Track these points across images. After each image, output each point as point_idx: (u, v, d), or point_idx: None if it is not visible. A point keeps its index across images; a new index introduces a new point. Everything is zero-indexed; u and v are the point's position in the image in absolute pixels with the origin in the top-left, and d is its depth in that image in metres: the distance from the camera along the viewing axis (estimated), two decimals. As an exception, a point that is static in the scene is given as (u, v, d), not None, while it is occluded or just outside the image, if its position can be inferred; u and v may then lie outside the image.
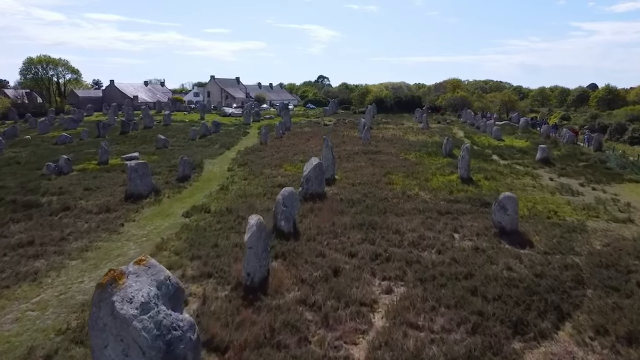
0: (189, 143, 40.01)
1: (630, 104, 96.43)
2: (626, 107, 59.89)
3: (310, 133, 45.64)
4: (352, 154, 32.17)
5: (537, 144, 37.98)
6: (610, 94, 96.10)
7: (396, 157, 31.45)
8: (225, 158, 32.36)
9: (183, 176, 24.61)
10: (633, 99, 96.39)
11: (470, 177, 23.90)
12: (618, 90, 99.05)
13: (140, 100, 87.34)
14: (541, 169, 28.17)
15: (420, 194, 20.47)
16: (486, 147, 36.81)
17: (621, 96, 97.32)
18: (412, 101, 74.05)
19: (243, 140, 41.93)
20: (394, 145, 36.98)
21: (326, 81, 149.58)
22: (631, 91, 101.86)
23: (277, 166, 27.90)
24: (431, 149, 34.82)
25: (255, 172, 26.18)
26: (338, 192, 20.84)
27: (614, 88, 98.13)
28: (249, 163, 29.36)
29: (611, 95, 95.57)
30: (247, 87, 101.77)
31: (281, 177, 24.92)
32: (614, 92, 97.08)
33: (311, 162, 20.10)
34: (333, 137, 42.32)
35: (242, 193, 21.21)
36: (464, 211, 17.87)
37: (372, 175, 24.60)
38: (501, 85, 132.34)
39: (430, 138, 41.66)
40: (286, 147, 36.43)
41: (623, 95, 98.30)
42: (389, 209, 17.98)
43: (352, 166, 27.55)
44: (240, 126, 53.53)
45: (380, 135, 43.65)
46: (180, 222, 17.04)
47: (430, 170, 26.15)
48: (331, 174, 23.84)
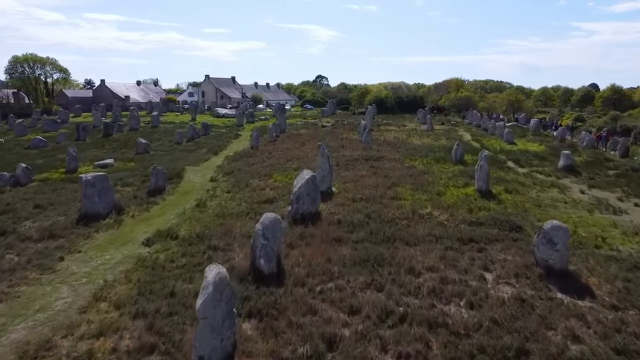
0: (173, 147, 36.40)
1: (636, 104, 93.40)
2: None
3: (307, 136, 42.03)
4: (352, 161, 28.56)
5: (554, 148, 34.49)
6: (616, 93, 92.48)
7: (401, 164, 27.85)
8: (210, 165, 28.75)
9: (156, 189, 21.00)
10: (638, 99, 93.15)
11: (489, 190, 20.32)
12: (624, 89, 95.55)
13: (132, 100, 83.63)
14: (566, 178, 24.60)
15: (433, 213, 16.85)
16: (498, 152, 33.21)
17: (627, 96, 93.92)
18: (413, 101, 70.38)
19: (233, 144, 38.31)
20: (397, 149, 33.38)
21: (325, 81, 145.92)
22: (637, 91, 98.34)
23: (266, 175, 24.28)
24: (439, 154, 31.23)
25: (241, 183, 22.57)
26: (335, 210, 17.24)
27: (619, 88, 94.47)
28: (235, 172, 25.74)
29: (617, 95, 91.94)
30: (243, 86, 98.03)
31: (270, 189, 21.32)
32: (620, 91, 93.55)
33: (302, 175, 16.50)
34: (331, 139, 38.76)
35: (221, 211, 17.59)
36: (491, 237, 14.28)
37: (375, 187, 21.00)
38: (502, 86, 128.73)
39: (436, 141, 38.07)
40: (279, 152, 32.81)
41: (629, 95, 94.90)
42: (398, 235, 14.38)
43: (352, 175, 23.95)
44: (232, 128, 49.91)
45: (382, 138, 40.04)
46: (137, 254, 13.43)
47: (441, 181, 22.56)
48: (328, 186, 20.27)
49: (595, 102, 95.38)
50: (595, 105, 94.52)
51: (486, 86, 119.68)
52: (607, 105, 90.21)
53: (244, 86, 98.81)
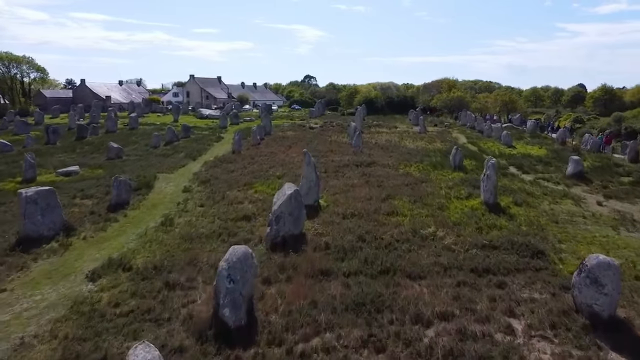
0: (149, 152, 33.57)
1: (627, 104, 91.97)
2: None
3: (293, 138, 39.38)
4: (342, 167, 25.98)
5: (556, 152, 32.22)
6: (607, 94, 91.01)
7: (395, 170, 25.33)
8: (186, 172, 26.01)
9: (118, 203, 18.24)
10: (630, 99, 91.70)
11: (497, 203, 17.85)
12: (614, 90, 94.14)
13: (114, 100, 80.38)
14: (576, 186, 22.26)
15: (438, 233, 14.30)
16: (498, 157, 30.78)
17: (618, 96, 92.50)
18: (404, 102, 67.96)
19: (215, 148, 35.56)
20: (390, 154, 30.86)
21: (313, 81, 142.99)
22: (628, 91, 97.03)
23: (246, 185, 21.61)
24: (435, 159, 28.76)
25: (217, 195, 19.88)
26: (323, 230, 14.63)
27: (610, 88, 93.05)
28: (212, 180, 23.02)
29: (608, 96, 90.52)
30: (229, 87, 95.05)
31: (249, 202, 18.66)
32: (611, 92, 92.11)
33: (284, 190, 13.87)
34: (319, 143, 36.17)
35: (189, 232, 14.90)
36: (510, 267, 11.78)
37: (369, 200, 18.43)
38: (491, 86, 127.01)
39: (430, 144, 35.63)
40: (263, 157, 30.13)
41: (620, 95, 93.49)
42: (399, 264, 11.81)
43: (342, 185, 21.37)
44: (215, 130, 47.09)
45: (373, 141, 37.52)
46: (75, 293, 10.73)
47: (441, 191, 20.07)
48: (314, 199, 17.69)
49: (586, 103, 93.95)
50: (586, 105, 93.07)
51: (475, 86, 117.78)
52: (598, 105, 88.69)
53: (230, 86, 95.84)
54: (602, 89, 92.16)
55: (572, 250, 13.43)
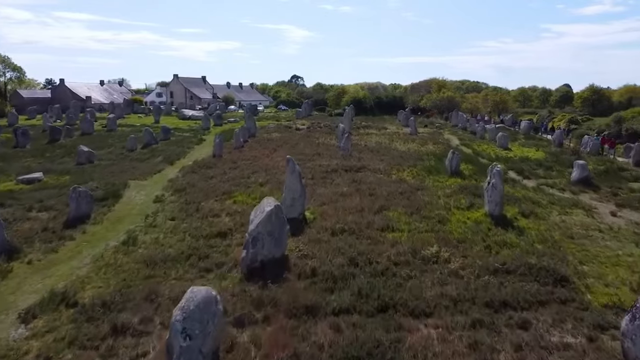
0: (124, 155, 31.26)
1: (615, 104, 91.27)
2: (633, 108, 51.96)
3: (279, 140, 37.28)
4: (330, 172, 23.98)
5: (554, 155, 30.54)
6: (595, 94, 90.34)
7: (387, 176, 23.40)
8: (161, 178, 23.82)
9: (77, 216, 16.02)
10: (618, 99, 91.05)
11: (503, 215, 15.97)
12: (603, 90, 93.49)
13: (95, 101, 77.58)
14: (584, 193, 20.49)
15: (441, 254, 12.33)
16: (494, 160, 29.06)
17: (606, 96, 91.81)
18: (393, 102, 66.09)
19: (195, 151, 33.36)
20: (381, 157, 28.92)
21: (300, 81, 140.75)
22: (616, 91, 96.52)
23: (225, 194, 19.49)
24: (429, 163, 26.90)
25: (191, 206, 17.74)
26: (309, 251, 12.58)
27: (598, 88, 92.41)
28: (188, 188, 20.87)
29: (596, 96, 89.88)
30: (214, 87, 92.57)
31: (226, 215, 16.56)
32: (599, 92, 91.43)
33: (262, 206, 11.79)
34: (305, 145, 34.12)
35: (154, 253, 12.77)
36: (531, 297, 9.85)
37: (360, 211, 16.44)
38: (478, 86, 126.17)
39: (422, 147, 33.77)
40: (245, 161, 28.00)
41: (608, 95, 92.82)
42: (399, 297, 9.79)
43: (330, 193, 19.35)
44: (197, 132, 44.78)
45: (362, 143, 35.56)
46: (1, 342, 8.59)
47: (440, 201, 18.14)
48: (299, 211, 15.66)
49: (575, 103, 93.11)
50: (574, 105, 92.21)
51: (463, 86, 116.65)
52: (587, 105, 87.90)
53: (215, 86, 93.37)
54: (591, 89, 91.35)
55: (598, 274, 11.56)
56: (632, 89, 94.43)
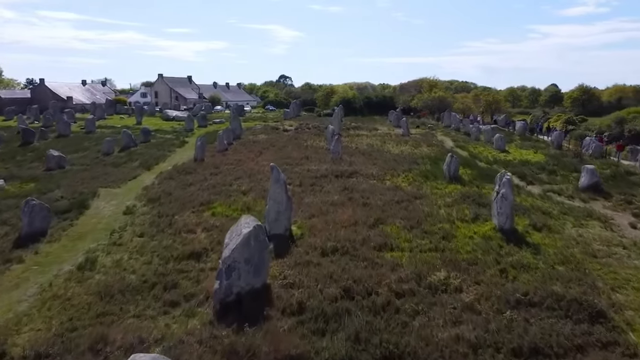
0: (99, 160, 29.07)
1: (605, 104, 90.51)
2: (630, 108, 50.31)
3: (265, 143, 35.28)
4: (319, 178, 22.09)
5: (554, 157, 28.92)
6: (585, 94, 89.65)
7: (381, 182, 21.56)
8: (135, 186, 21.79)
9: (30, 234, 13.97)
10: (607, 99, 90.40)
11: (514, 228, 14.18)
12: (593, 89, 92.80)
13: (76, 101, 74.77)
14: (594, 201, 18.81)
15: (451, 280, 10.49)
16: (493, 163, 27.40)
17: (596, 96, 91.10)
18: (383, 102, 64.23)
19: (176, 154, 31.27)
20: (373, 161, 27.06)
21: (288, 81, 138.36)
22: (605, 91, 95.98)
23: (203, 205, 17.50)
24: (425, 167, 25.13)
25: (164, 220, 15.75)
26: (295, 278, 10.64)
27: (588, 88, 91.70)
28: (162, 197, 18.86)
29: (586, 96, 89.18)
30: (200, 87, 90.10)
31: (203, 231, 14.59)
32: (589, 92, 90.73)
33: (239, 227, 9.82)
34: (293, 148, 32.19)
35: (112, 283, 10.76)
36: (566, 340, 8.05)
37: (354, 225, 14.56)
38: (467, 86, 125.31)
39: (416, 149, 31.98)
40: (228, 165, 26.00)
41: (598, 95, 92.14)
42: (405, 342, 7.93)
43: (319, 203, 17.45)
44: (180, 133, 42.55)
45: (353, 145, 33.69)
46: None
47: (441, 211, 16.32)
48: (285, 227, 13.75)
49: (565, 102, 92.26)
50: (564, 105, 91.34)
51: (451, 86, 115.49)
52: (576, 105, 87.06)
53: (202, 86, 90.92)
54: (581, 89, 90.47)
55: (636, 304, 9.79)
56: (622, 88, 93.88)
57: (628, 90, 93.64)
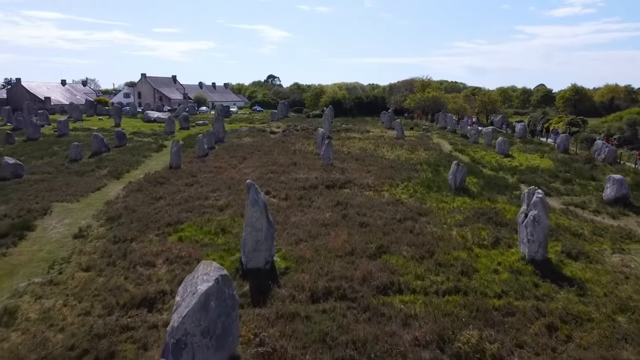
0: (64, 167, 25.95)
1: (597, 104, 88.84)
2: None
3: (250, 147, 32.39)
4: (308, 189, 19.32)
5: (564, 163, 26.38)
6: (577, 94, 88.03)
7: (378, 193, 18.83)
8: (97, 199, 18.83)
9: (-56, 270, 11.02)
10: (600, 100, 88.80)
11: (547, 259, 11.50)
12: (585, 90, 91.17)
13: (54, 102, 71.17)
14: (625, 216, 16.22)
15: (486, 346, 7.73)
16: (499, 169, 24.79)
17: (588, 96, 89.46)
18: (374, 103, 61.45)
19: (151, 160, 28.28)
20: (367, 167, 24.33)
21: (277, 81, 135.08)
22: (597, 91, 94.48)
23: (170, 225, 14.61)
24: (425, 175, 22.48)
25: (120, 247, 12.84)
26: (275, 345, 7.80)
27: (580, 88, 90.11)
28: (124, 215, 15.94)
29: (578, 96, 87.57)
30: (185, 87, 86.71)
31: (164, 262, 11.72)
32: (581, 92, 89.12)
33: (195, 282, 6.93)
34: (280, 153, 29.35)
35: (31, 344, 7.90)
36: None
37: (350, 255, 11.79)
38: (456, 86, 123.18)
39: (412, 154, 29.28)
40: (207, 173, 23.12)
41: (590, 95, 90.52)
42: None
43: (309, 222, 14.65)
44: (160, 136, 39.50)
45: (345, 149, 30.94)
46: None
47: (452, 233, 13.62)
48: (265, 258, 10.94)
49: (557, 102, 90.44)
50: (556, 105, 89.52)
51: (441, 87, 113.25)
52: (568, 105, 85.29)
53: (187, 86, 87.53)
54: (573, 89, 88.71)
55: None
56: (614, 88, 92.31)
57: (620, 91, 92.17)
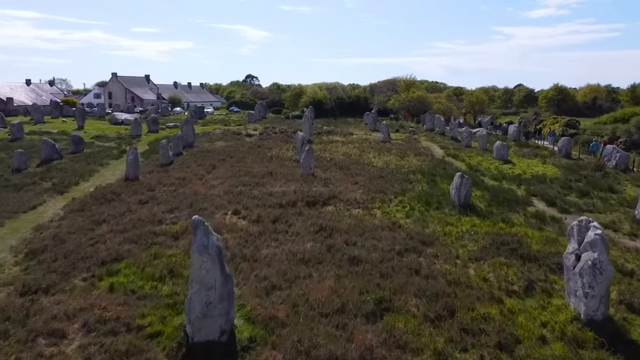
0: (2, 179, 22.18)
1: (580, 104, 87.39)
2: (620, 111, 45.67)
3: (222, 153, 28.88)
4: (285, 207, 16.02)
5: (571, 170, 23.57)
6: (560, 94, 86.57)
7: (369, 212, 15.62)
8: (27, 222, 15.25)
9: None
10: (582, 99, 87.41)
11: (609, 317, 8.40)
12: (568, 89, 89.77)
13: (17, 103, 66.30)
14: (667, 242, 13.33)
15: None
16: (501, 179, 21.84)
17: (571, 96, 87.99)
18: (356, 103, 58.19)
19: (108, 169, 24.62)
20: (354, 178, 21.12)
21: (255, 81, 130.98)
22: (579, 91, 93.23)
23: (105, 264, 11.13)
24: (420, 186, 19.40)
25: (24, 305, 9.33)
26: None
27: (563, 88, 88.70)
28: (50, 249, 12.39)
29: (561, 96, 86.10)
30: (159, 86, 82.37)
31: (78, 333, 8.27)
32: (564, 91, 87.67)
33: None
34: (255, 160, 25.96)
35: None
36: None
37: (340, 313, 8.52)
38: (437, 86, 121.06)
39: (402, 160, 26.16)
40: (168, 187, 19.64)
41: (573, 95, 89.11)
42: None
43: (284, 259, 11.34)
44: (124, 140, 35.69)
45: (327, 155, 27.69)
46: None
47: (470, 272, 10.48)
48: (220, 327, 7.69)
49: (540, 102, 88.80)
50: (539, 105, 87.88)
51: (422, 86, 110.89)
52: (551, 105, 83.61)
53: (161, 86, 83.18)
54: (556, 89, 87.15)
55: None
56: (596, 88, 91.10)
57: (602, 91, 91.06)
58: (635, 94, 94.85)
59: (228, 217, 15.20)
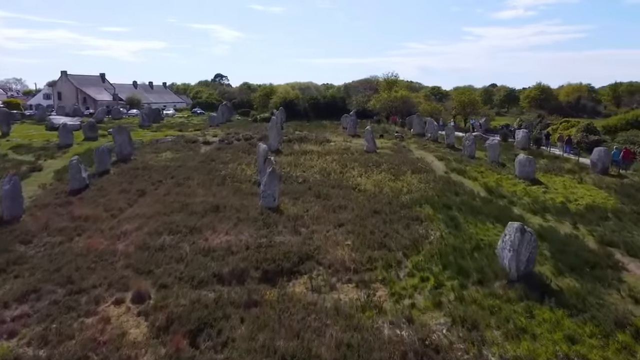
0: None
1: (563, 103, 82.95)
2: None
3: (163, 171, 21.74)
4: (226, 283, 9.20)
5: (628, 195, 17.30)
6: (543, 93, 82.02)
7: (367, 290, 8.96)
8: None
9: None
10: (565, 99, 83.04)
11: None
12: (550, 89, 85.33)
13: (-52, 104, 57.51)
14: None
15: None
16: (542, 211, 15.42)
17: (554, 95, 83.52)
18: (332, 104, 51.35)
19: None
20: (336, 213, 14.40)
21: (225, 80, 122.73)
22: (562, 90, 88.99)
23: None
24: (435, 227, 12.80)
25: None
26: None
27: (546, 87, 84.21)
28: None
29: (544, 95, 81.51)
30: (116, 86, 73.88)
31: None
32: (547, 91, 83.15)
33: None
34: (202, 183, 18.96)
35: None
36: None
37: None
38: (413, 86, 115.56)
39: (397, 180, 19.53)
40: (53, 236, 12.55)
41: (556, 94, 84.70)
42: None
43: None
44: (48, 151, 28.16)
45: (299, 172, 20.88)
46: None
47: None
48: None
49: (522, 102, 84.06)
50: (522, 105, 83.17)
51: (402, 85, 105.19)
52: (534, 105, 78.89)
53: (119, 86, 74.68)
54: (538, 88, 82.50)
55: None
56: (579, 87, 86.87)
57: (584, 90, 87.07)
58: (617, 93, 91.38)
59: (116, 315, 8.26)
